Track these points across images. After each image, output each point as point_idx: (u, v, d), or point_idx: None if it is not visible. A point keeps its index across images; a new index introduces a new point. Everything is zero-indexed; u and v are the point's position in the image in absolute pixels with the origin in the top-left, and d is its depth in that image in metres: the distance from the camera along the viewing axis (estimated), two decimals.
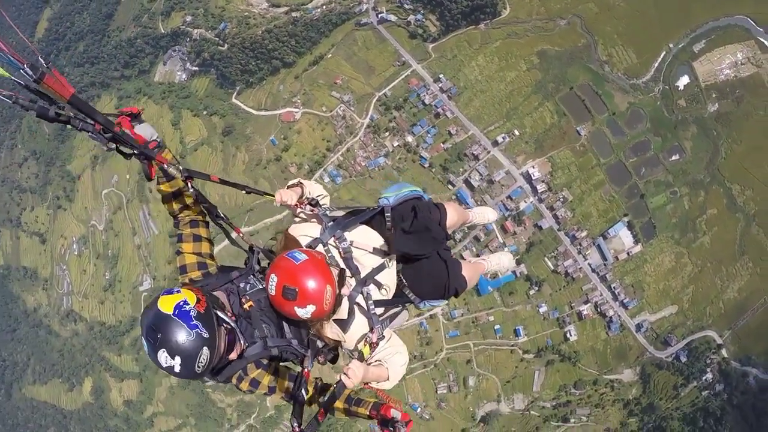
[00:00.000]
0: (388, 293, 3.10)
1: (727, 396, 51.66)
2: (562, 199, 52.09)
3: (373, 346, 2.87)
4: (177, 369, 2.16)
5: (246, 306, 2.64)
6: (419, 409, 53.00)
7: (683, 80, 53.85)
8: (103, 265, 67.72)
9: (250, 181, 54.73)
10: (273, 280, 2.52)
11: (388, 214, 3.21)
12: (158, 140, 2.60)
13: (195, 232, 2.87)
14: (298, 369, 2.77)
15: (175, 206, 2.80)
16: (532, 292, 52.14)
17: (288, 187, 3.12)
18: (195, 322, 2.18)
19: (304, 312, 2.50)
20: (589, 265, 51.58)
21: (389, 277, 3.11)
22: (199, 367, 2.19)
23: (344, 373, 2.61)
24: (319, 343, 2.85)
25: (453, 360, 53.77)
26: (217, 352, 2.29)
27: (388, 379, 2.96)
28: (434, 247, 3.29)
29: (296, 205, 3.01)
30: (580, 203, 51.39)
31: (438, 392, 53.52)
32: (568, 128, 52.17)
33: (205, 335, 2.19)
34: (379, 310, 3.02)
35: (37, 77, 2.01)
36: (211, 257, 2.91)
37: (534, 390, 52.47)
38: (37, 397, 76.16)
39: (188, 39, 65.85)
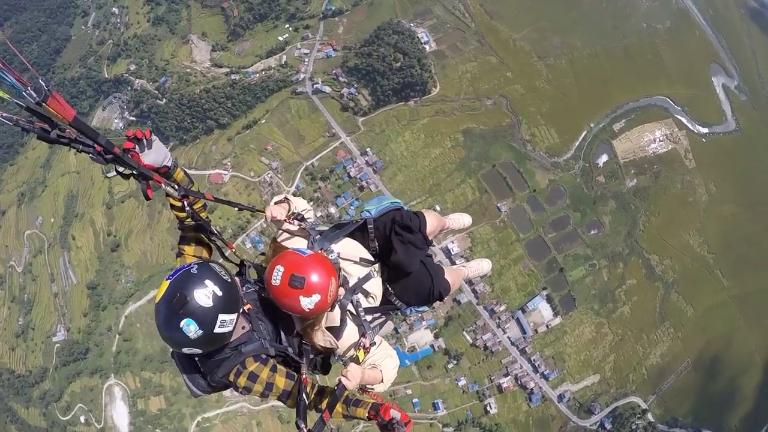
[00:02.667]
0: (375, 301, 3.27)
1: None
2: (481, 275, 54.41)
3: (366, 351, 3.00)
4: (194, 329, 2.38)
5: (246, 308, 2.75)
6: None
7: (603, 158, 57.67)
8: (18, 309, 66.09)
9: (172, 240, 55.86)
10: (279, 270, 2.62)
11: (371, 226, 3.40)
12: (169, 165, 2.78)
13: (198, 237, 3.05)
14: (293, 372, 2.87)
15: (183, 214, 2.97)
16: (450, 365, 52.85)
17: (275, 203, 3.23)
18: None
19: (309, 302, 2.60)
20: (509, 338, 52.96)
21: (375, 286, 3.30)
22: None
23: (343, 376, 2.73)
24: (311, 354, 2.96)
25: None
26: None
27: (382, 381, 3.10)
28: (419, 256, 3.44)
29: (285, 219, 3.14)
30: (499, 278, 53.07)
31: None
32: (489, 204, 54.52)
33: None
34: (368, 318, 3.19)
35: (41, 99, 2.13)
36: None
37: None
38: None
39: (129, 88, 67.34)
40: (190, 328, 2.36)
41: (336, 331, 3.04)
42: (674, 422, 53.88)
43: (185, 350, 2.46)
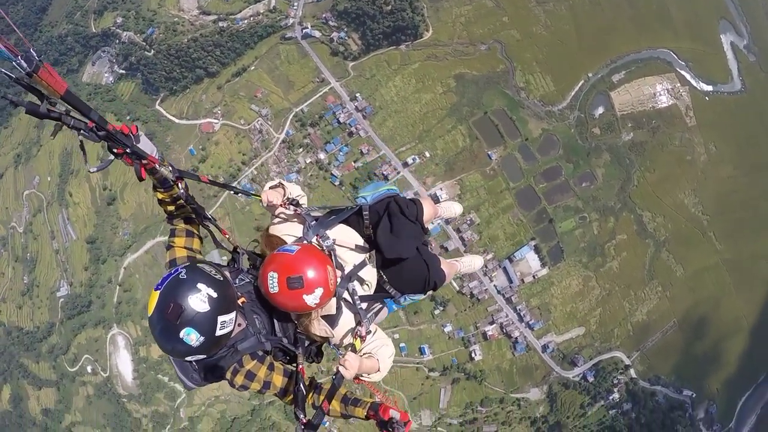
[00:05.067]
0: (370, 288, 3.30)
1: (635, 415, 55.00)
2: (469, 222, 54.04)
3: (362, 339, 3.03)
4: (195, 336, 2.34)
5: (239, 302, 2.72)
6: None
7: (599, 109, 57.07)
8: (22, 268, 68.78)
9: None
10: (273, 277, 2.63)
11: (366, 213, 3.44)
12: (158, 156, 2.73)
13: (188, 228, 3.02)
14: (290, 367, 2.89)
15: (170, 207, 2.99)
16: (437, 312, 54.25)
17: (270, 188, 3.32)
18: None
19: (313, 298, 2.66)
20: (495, 287, 53.94)
21: (370, 273, 3.32)
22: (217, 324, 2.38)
23: (341, 365, 2.76)
24: (306, 342, 3.00)
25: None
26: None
27: (379, 371, 3.14)
28: (416, 242, 3.48)
29: (281, 204, 3.22)
30: (488, 226, 53.70)
31: None
32: (479, 152, 54.63)
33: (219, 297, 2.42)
34: (364, 305, 3.18)
35: (32, 70, 2.02)
36: (200, 254, 3.07)
37: (441, 407, 54.43)
38: None
39: (117, 41, 67.53)
40: (191, 336, 2.30)
41: (331, 320, 3.04)
42: (656, 380, 55.41)
43: (189, 359, 2.42)
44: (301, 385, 2.70)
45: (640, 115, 57.67)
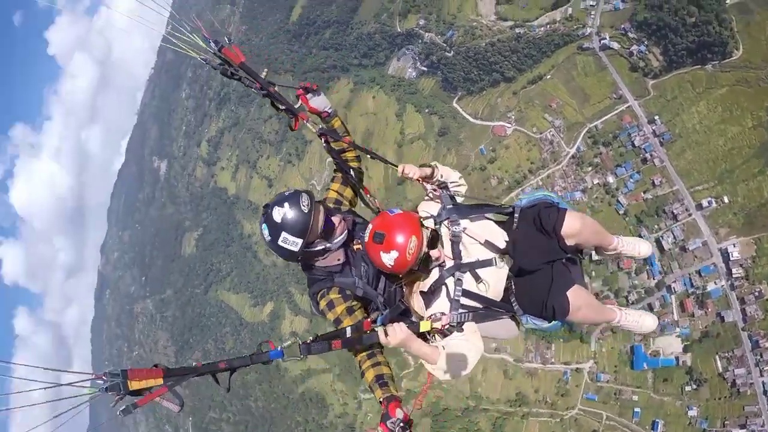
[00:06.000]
0: (488, 290, 3.38)
1: None
2: (757, 294, 48.75)
3: (438, 329, 3.24)
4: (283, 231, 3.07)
5: (355, 247, 3.41)
6: None
7: None
8: None
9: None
10: (368, 228, 3.19)
11: (517, 215, 3.62)
12: (329, 111, 3.74)
13: (346, 178, 3.82)
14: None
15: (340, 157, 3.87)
16: (688, 388, 50.65)
17: (420, 166, 3.70)
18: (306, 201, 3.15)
19: (389, 258, 3.05)
20: (763, 384, 47.25)
21: (493, 275, 3.42)
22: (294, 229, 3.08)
23: (385, 330, 3.06)
24: (399, 311, 3.41)
25: (580, 423, 56.05)
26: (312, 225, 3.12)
27: (435, 364, 3.21)
28: (544, 257, 3.42)
29: (419, 180, 3.68)
30: None
31: None
32: None
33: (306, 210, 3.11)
34: (467, 302, 3.34)
35: (218, 48, 3.37)
36: (350, 202, 3.84)
37: None
38: (226, 301, 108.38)
39: (420, 41, 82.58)
40: (264, 232, 3.17)
41: (428, 299, 3.34)
42: None
43: (268, 247, 3.26)
44: (349, 330, 3.11)
45: None
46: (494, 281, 3.42)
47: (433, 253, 3.23)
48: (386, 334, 3.03)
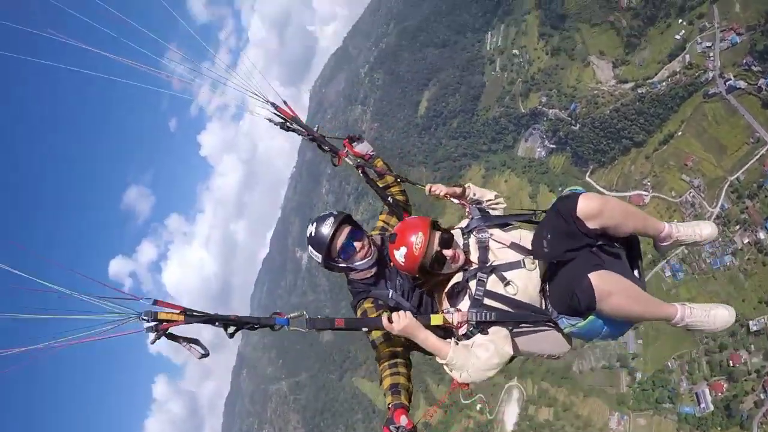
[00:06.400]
0: (516, 292, 3.88)
1: None
2: None
3: (452, 324, 3.88)
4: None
5: (391, 263, 4.22)
6: None
7: None
8: None
9: None
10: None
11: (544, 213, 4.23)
12: (372, 153, 4.97)
13: (392, 210, 4.94)
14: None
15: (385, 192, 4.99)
16: None
17: (453, 185, 4.80)
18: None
19: (399, 254, 3.91)
20: None
21: (523, 278, 3.95)
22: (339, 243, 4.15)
23: (389, 316, 3.76)
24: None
25: None
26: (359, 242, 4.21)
27: (445, 358, 3.74)
28: (564, 243, 3.70)
29: (447, 196, 4.77)
30: None
31: None
32: None
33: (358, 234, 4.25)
34: (492, 303, 3.88)
35: (275, 107, 4.71)
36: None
37: None
38: (360, 388, 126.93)
39: (545, 118, 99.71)
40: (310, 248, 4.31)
41: (452, 302, 4.05)
42: None
43: (323, 264, 4.32)
44: (362, 324, 4.01)
45: None
46: (524, 283, 3.90)
47: (447, 252, 3.91)
48: (390, 321, 3.71)
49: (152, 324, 3.18)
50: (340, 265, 4.28)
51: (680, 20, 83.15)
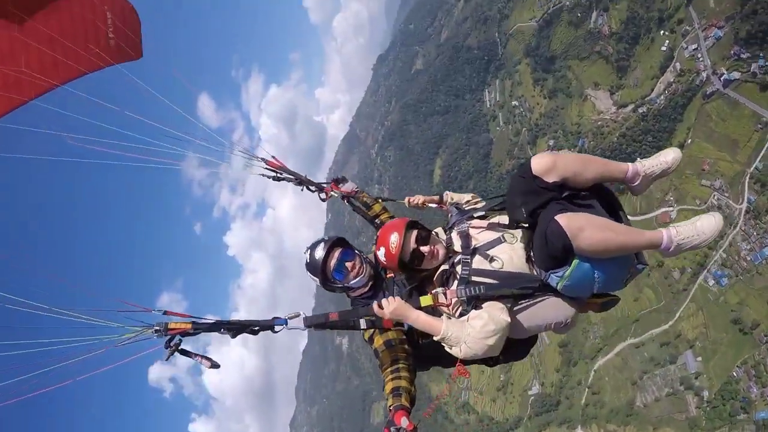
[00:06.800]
0: (502, 266, 4.00)
1: None
2: None
3: (442, 303, 4.05)
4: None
5: (387, 276, 4.61)
6: None
7: None
8: (499, 368, 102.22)
9: (634, 291, 76.75)
10: None
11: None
12: (357, 189, 5.50)
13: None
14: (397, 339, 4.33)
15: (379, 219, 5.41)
16: None
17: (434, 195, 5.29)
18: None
19: (381, 254, 4.26)
20: None
21: (506, 251, 4.07)
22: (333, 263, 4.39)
23: (379, 302, 3.97)
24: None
25: None
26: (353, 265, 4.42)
27: (440, 333, 3.83)
28: (529, 200, 3.89)
29: (424, 204, 5.26)
30: None
31: None
32: None
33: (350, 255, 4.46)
34: (481, 279, 3.98)
35: (263, 160, 5.52)
36: None
37: None
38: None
39: None
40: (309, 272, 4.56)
41: (443, 287, 4.21)
42: None
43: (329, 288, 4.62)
44: (363, 320, 4.22)
45: None
46: (508, 256, 3.99)
47: (424, 248, 4.17)
48: (380, 307, 3.90)
49: (165, 338, 3.45)
50: (337, 285, 4.53)
51: (662, 31, 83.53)
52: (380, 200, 5.51)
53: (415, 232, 4.19)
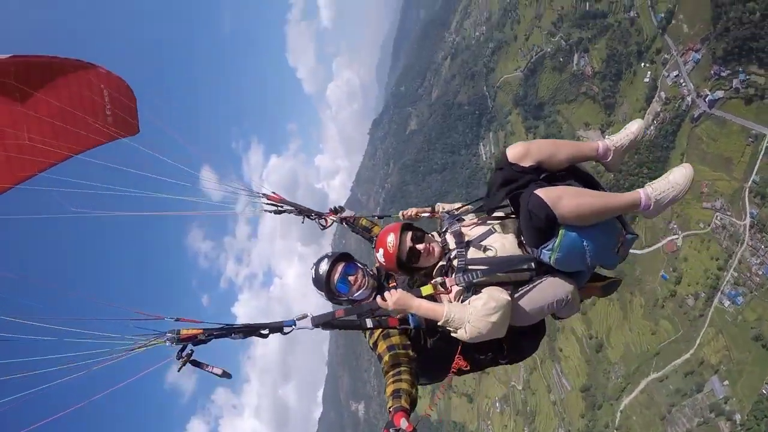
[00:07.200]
0: (496, 253, 4.19)
1: None
2: None
3: (442, 291, 4.27)
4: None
5: (390, 285, 4.84)
6: None
7: None
8: (522, 420, 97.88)
9: (650, 325, 74.98)
10: None
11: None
12: (354, 215, 5.82)
13: None
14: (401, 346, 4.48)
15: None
16: None
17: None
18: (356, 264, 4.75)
19: (380, 255, 4.48)
20: None
21: (498, 239, 4.28)
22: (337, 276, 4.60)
23: (382, 295, 4.17)
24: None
25: None
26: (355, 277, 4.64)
27: (443, 316, 3.95)
28: (508, 186, 4.14)
29: (418, 214, 5.46)
30: None
31: None
32: None
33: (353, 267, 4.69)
34: (478, 267, 4.16)
35: (264, 195, 5.81)
36: None
37: None
38: None
39: None
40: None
41: (446, 285, 4.32)
42: None
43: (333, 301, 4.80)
44: (369, 319, 4.35)
45: None
46: (500, 243, 4.21)
47: (420, 246, 4.38)
48: (383, 299, 4.09)
49: (177, 347, 3.52)
50: (342, 298, 4.68)
51: (643, 63, 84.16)
52: (377, 218, 5.99)
53: (410, 233, 4.43)
